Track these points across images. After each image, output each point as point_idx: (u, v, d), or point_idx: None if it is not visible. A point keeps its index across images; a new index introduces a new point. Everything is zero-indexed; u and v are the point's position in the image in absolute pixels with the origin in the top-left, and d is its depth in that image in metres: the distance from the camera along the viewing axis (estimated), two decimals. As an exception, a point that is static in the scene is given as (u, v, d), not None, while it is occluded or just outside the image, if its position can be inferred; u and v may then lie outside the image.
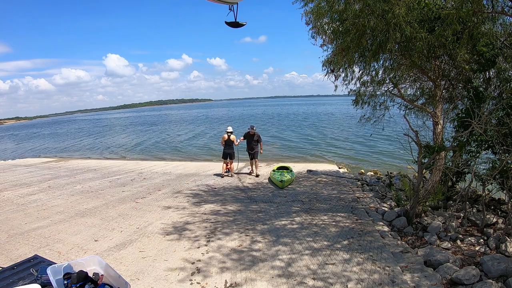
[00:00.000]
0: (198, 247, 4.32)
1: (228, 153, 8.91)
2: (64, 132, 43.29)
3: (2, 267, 1.77)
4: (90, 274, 1.81)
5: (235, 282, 3.42)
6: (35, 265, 1.86)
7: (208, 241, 4.51)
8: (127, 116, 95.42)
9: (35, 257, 1.92)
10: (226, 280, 3.46)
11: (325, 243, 4.33)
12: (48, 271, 1.63)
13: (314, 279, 3.41)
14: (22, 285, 1.60)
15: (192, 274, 3.61)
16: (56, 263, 1.82)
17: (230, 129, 9.09)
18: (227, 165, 9.21)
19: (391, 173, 10.00)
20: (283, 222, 5.18)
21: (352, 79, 6.63)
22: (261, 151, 8.99)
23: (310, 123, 32.19)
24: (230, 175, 9.13)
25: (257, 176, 8.97)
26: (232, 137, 8.91)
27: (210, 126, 35.25)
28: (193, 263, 3.87)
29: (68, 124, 71.10)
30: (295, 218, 5.35)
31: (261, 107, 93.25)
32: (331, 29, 5.74)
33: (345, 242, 4.31)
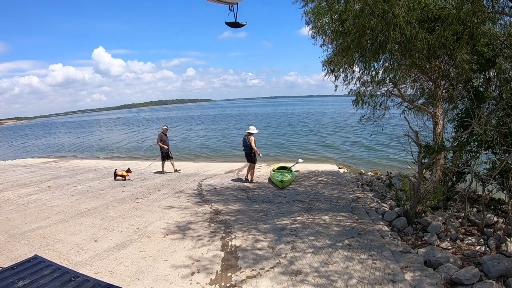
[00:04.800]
0: (199, 247, 4.32)
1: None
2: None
3: (2, 267, 1.76)
4: None
5: (238, 280, 3.42)
6: (35, 265, 1.85)
7: (210, 240, 4.51)
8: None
9: (35, 257, 1.91)
10: (229, 277, 3.47)
11: (327, 241, 4.35)
12: None
13: (316, 276, 3.42)
14: (22, 285, 1.58)
15: (193, 274, 3.60)
16: (56, 263, 1.82)
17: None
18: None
19: (391, 173, 10.01)
20: (284, 222, 5.19)
21: (352, 79, 6.66)
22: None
23: (309, 123, 32.18)
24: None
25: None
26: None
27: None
28: (193, 262, 3.87)
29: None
30: (297, 218, 5.35)
31: (260, 107, 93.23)
32: (331, 29, 5.75)
33: (346, 242, 4.32)
